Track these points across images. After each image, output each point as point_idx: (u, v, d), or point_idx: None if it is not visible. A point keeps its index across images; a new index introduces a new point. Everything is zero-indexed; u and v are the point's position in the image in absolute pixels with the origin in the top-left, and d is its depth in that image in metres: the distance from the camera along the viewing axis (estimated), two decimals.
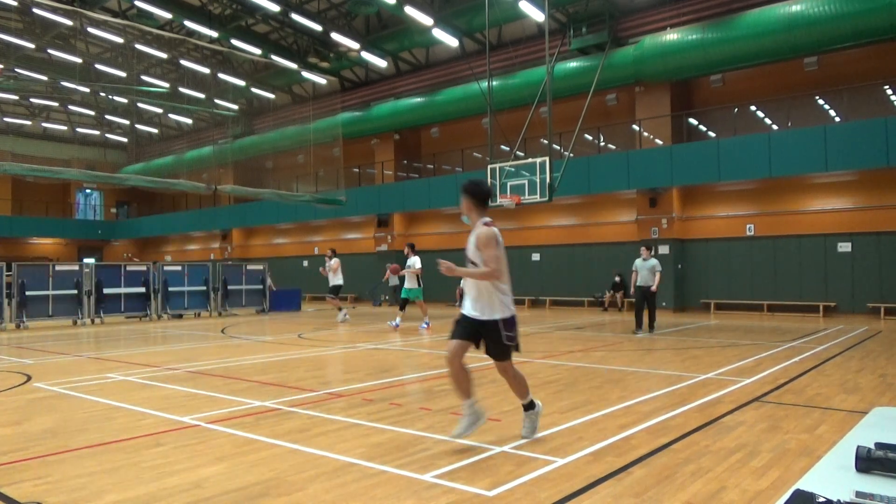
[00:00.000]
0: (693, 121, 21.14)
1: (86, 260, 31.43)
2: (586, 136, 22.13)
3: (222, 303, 20.78)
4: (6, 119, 37.94)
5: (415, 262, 14.97)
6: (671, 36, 19.01)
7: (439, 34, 22.12)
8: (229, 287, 20.95)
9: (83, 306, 17.72)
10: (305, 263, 30.35)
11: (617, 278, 20.32)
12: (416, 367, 8.68)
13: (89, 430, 5.38)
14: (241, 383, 7.51)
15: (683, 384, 7.14)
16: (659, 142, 20.29)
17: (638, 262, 12.79)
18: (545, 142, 17.11)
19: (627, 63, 19.79)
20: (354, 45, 24.44)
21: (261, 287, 21.84)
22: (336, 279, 17.22)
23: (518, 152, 17.96)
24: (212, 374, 8.21)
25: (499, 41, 23.50)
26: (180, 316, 19.97)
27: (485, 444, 4.70)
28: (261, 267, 22.34)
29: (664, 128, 20.22)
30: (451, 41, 22.77)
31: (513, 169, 16.85)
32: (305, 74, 27.39)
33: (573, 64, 21.03)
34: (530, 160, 16.52)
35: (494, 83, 20.33)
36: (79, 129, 40.39)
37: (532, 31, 22.80)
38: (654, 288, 12.51)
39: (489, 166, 17.21)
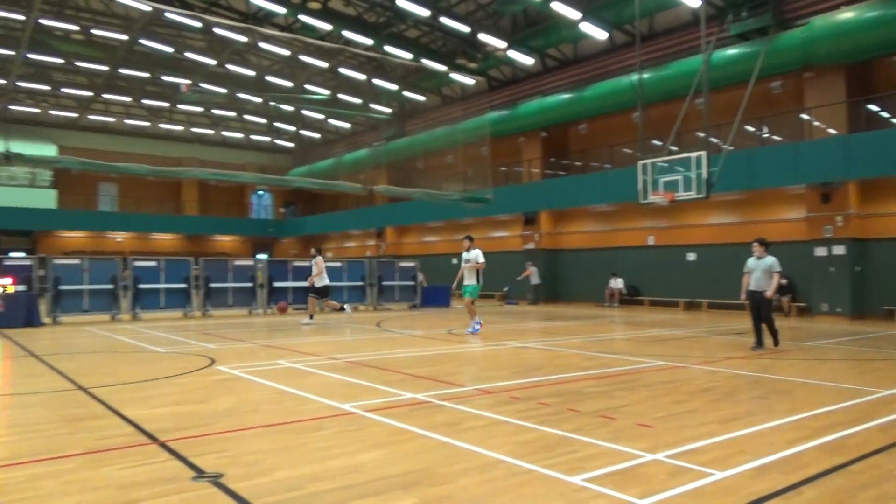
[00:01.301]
0: (873, 107, 18.99)
1: (258, 256, 34.39)
2: (747, 127, 20.64)
3: (378, 298, 21.84)
4: (192, 129, 42.46)
5: (476, 255, 13.32)
6: (846, 14, 17.20)
7: (587, 28, 21.67)
8: (384, 283, 21.97)
9: (256, 298, 19.48)
10: (455, 261, 31.06)
11: (784, 281, 18.77)
12: (564, 368, 8.60)
13: (262, 411, 5.91)
14: (395, 375, 7.86)
15: (863, 399, 6.47)
16: (832, 131, 18.45)
17: (750, 261, 10.57)
18: (701, 135, 16.18)
19: (795, 47, 18.18)
20: (501, 45, 24.61)
21: (412, 283, 22.70)
22: (321, 280, 15.93)
23: (671, 147, 17.15)
24: (368, 365, 8.67)
25: (650, 31, 22.58)
26: (342, 308, 21.23)
27: (637, 450, 4.57)
28: (413, 264, 23.21)
29: (838, 115, 18.33)
30: (600, 34, 22.22)
31: (666, 164, 16.11)
32: (454, 76, 28.01)
33: (732, 51, 19.69)
34: (685, 155, 15.70)
35: (646, 75, 19.57)
36: (252, 136, 44.29)
37: (686, 19, 21.67)
38: (769, 293, 10.26)
39: (640, 162, 16.60)
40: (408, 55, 26.51)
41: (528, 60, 25.88)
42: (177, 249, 40.28)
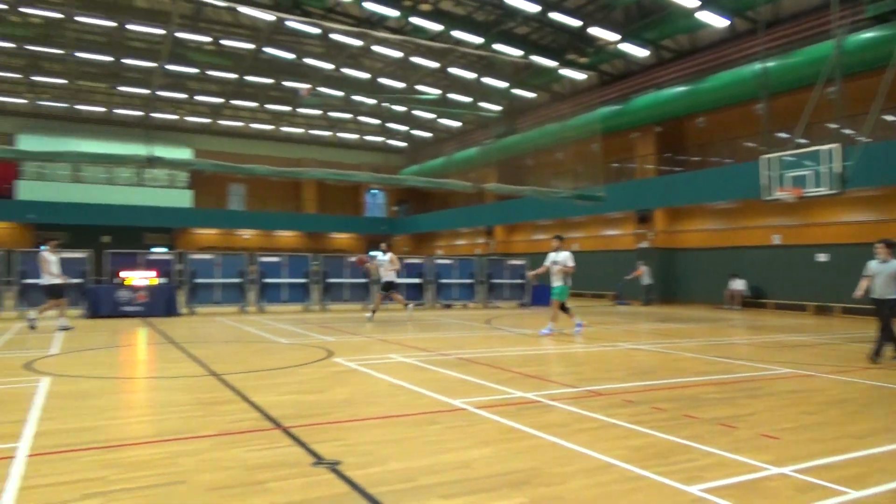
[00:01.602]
0: None
1: (371, 253, 35.54)
2: (886, 117, 18.90)
3: (487, 295, 21.97)
4: (311, 131, 44.51)
5: (566, 258, 13.00)
6: None
7: (706, 16, 20.67)
8: (493, 281, 22.07)
9: (370, 293, 20.16)
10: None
11: None
12: (680, 372, 8.28)
13: (376, 403, 6.13)
14: (505, 373, 7.89)
15: None
16: None
17: (872, 264, 9.26)
18: (833, 126, 15.00)
19: None
20: (614, 38, 23.98)
21: (522, 281, 22.63)
22: (389, 275, 15.90)
23: (799, 140, 16.02)
24: (479, 363, 8.76)
25: (775, 17, 21.18)
26: (449, 306, 21.56)
27: (761, 462, 4.33)
28: (522, 262, 23.14)
29: None
30: (720, 22, 21.13)
31: (793, 158, 15.08)
32: (564, 71, 27.60)
33: (868, 34, 18.08)
34: (815, 148, 14.62)
35: (770, 64, 18.38)
36: (366, 137, 45.80)
37: (815, 3, 20.15)
38: None
39: (764, 157, 15.63)
40: (517, 52, 26.42)
41: (641, 53, 25.06)
42: (297, 246, 42.40)
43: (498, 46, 26.22)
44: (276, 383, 7.12)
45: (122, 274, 16.69)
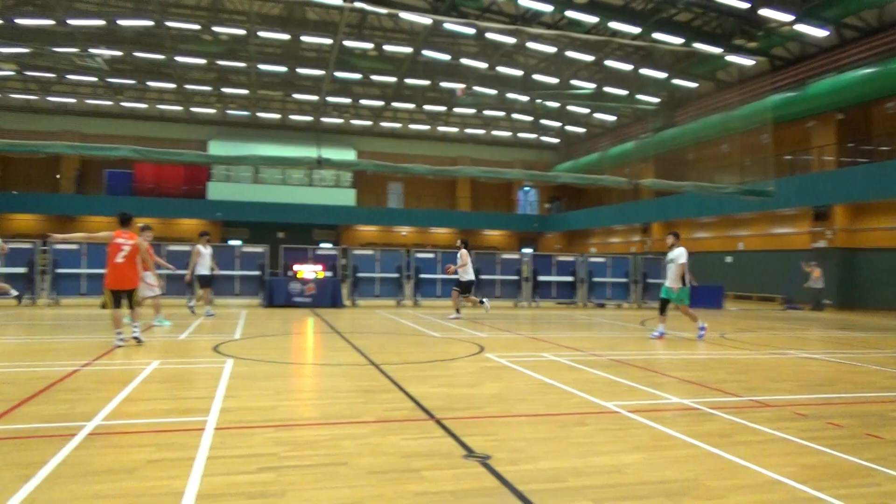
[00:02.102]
0: None
1: (524, 250, 35.55)
2: None
3: (642, 295, 21.18)
4: (466, 130, 45.39)
5: (679, 255, 11.73)
6: None
7: None
8: (648, 280, 21.22)
9: (522, 291, 20.24)
10: (729, 259, 28.75)
11: None
12: (863, 386, 7.48)
13: (527, 400, 6.16)
14: (661, 377, 7.59)
15: None
16: None
17: None
18: None
19: None
20: (787, 18, 22.03)
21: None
22: (466, 274, 15.40)
23: None
24: (632, 365, 8.50)
25: None
26: (602, 305, 21.06)
27: None
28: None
29: None
30: None
31: None
32: (730, 58, 25.81)
33: None
34: None
35: None
36: (519, 134, 45.87)
37: None
38: None
39: None
40: (678, 40, 25.13)
41: (820, 33, 22.82)
42: (451, 243, 43.50)
43: (657, 35, 25.11)
44: (429, 375, 7.39)
45: (295, 267, 18.12)
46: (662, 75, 30.10)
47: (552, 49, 29.53)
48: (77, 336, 10.52)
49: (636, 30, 25.02)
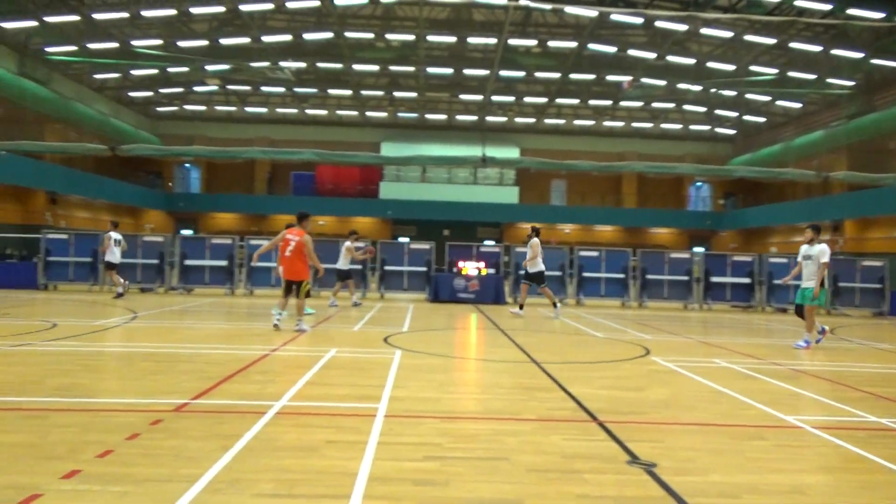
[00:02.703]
0: None
1: (695, 249, 33.64)
2: None
3: (832, 300, 19.18)
4: (633, 124, 43.80)
5: (822, 252, 10.30)
6: None
7: None
8: (840, 284, 19.16)
9: (692, 292, 19.18)
10: None
11: None
12: None
13: (697, 408, 5.85)
14: (852, 392, 6.85)
15: None
16: None
17: None
18: None
19: None
20: None
21: (878, 286, 19.22)
22: (535, 265, 14.32)
23: None
24: (817, 376, 7.75)
25: None
26: (784, 310, 19.36)
27: None
28: (879, 263, 19.63)
29: None
30: None
31: None
32: None
33: None
34: None
35: None
36: (691, 127, 43.40)
37: None
38: None
39: None
40: (879, 14, 22.33)
41: None
42: (616, 241, 42.24)
43: (853, 11, 22.51)
44: (592, 376, 7.27)
45: (459, 264, 18.64)
46: (858, 55, 26.93)
47: (728, 34, 27.60)
48: (268, 323, 11.64)
49: (826, 6, 22.61)
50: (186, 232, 37.26)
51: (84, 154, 29.13)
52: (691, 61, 31.25)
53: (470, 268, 18.54)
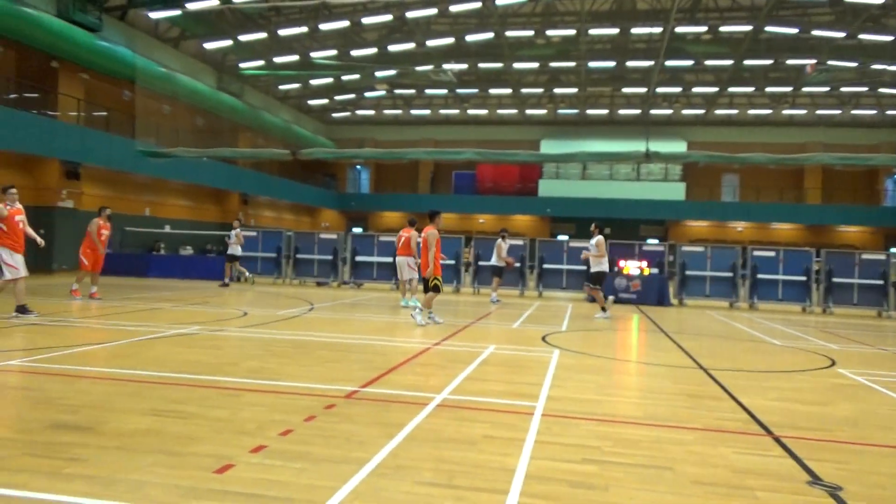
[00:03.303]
0: None
1: (892, 250, 29.90)
2: None
3: None
4: (817, 111, 39.79)
5: None
6: None
7: None
8: None
9: (888, 298, 17.08)
10: None
11: None
12: None
13: (890, 428, 5.24)
14: None
15: None
16: None
17: None
18: None
19: None
20: None
21: None
22: (599, 265, 13.33)
23: None
24: None
25: None
26: None
27: None
28: None
29: None
30: None
31: None
32: None
33: None
34: None
35: None
36: (888, 112, 38.55)
37: None
38: None
39: None
40: None
41: None
42: (796, 240, 38.69)
43: None
44: (766, 386, 6.75)
45: (621, 263, 18.09)
46: None
47: None
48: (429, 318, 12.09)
49: None
50: (357, 230, 39.66)
51: (270, 158, 32.00)
52: (888, 38, 27.73)
53: (632, 267, 17.93)
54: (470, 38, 31.80)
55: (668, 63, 32.31)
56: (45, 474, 3.44)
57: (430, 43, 32.11)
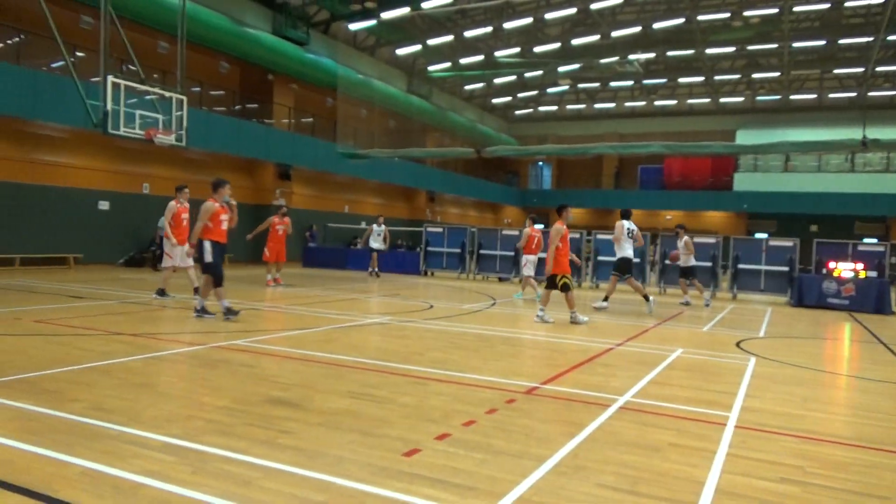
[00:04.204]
0: None
1: None
2: None
3: None
4: None
5: None
6: None
7: None
8: None
9: None
10: None
11: None
12: None
13: None
14: None
15: None
16: None
17: None
18: None
19: None
20: None
21: None
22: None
23: None
24: None
25: None
26: None
27: None
28: None
29: None
30: None
31: None
32: None
33: None
34: None
35: None
36: None
37: None
38: None
39: None
40: None
41: None
42: None
43: None
44: None
45: (830, 265, 16.27)
46: None
47: None
48: (611, 316, 11.80)
49: None
50: (538, 226, 39.66)
51: (455, 157, 33.14)
52: None
53: (844, 269, 16.02)
54: (658, 25, 30.34)
55: (891, 38, 28.31)
56: (262, 443, 3.92)
57: (615, 34, 31.15)
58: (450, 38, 31.41)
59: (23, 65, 17.25)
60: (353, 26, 28.53)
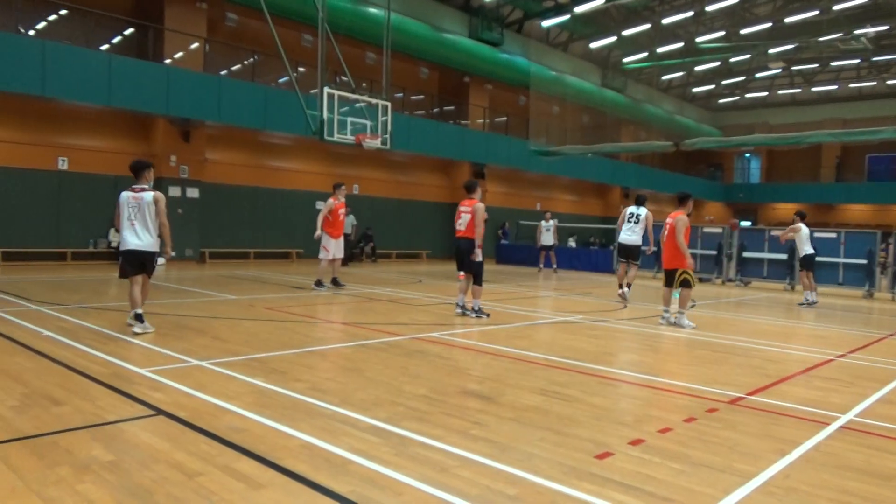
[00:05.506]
0: None
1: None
2: None
3: None
4: None
5: None
6: None
7: None
8: None
9: None
10: None
11: None
12: None
13: None
14: None
15: None
16: None
17: None
18: None
19: None
20: None
21: None
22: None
23: None
24: None
25: None
26: None
27: None
28: None
29: None
30: None
31: None
32: None
33: None
34: None
35: None
36: None
37: None
38: None
39: None
40: None
41: None
42: None
43: None
44: None
45: None
46: None
47: None
48: (834, 325, 10.58)
49: None
50: (745, 223, 36.66)
51: (651, 151, 31.71)
52: None
53: None
54: None
55: None
56: (456, 432, 4.10)
57: (837, 7, 27.67)
58: (646, 26, 30.08)
59: (257, 81, 19.66)
60: (546, 23, 28.47)
